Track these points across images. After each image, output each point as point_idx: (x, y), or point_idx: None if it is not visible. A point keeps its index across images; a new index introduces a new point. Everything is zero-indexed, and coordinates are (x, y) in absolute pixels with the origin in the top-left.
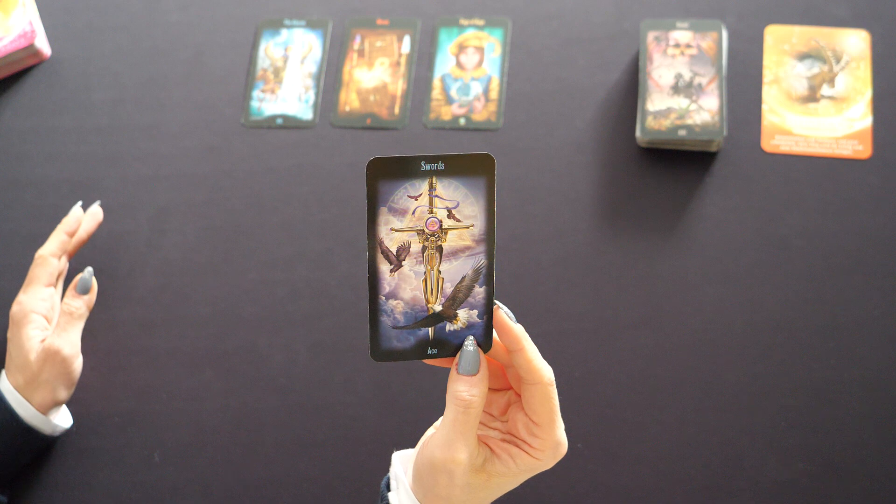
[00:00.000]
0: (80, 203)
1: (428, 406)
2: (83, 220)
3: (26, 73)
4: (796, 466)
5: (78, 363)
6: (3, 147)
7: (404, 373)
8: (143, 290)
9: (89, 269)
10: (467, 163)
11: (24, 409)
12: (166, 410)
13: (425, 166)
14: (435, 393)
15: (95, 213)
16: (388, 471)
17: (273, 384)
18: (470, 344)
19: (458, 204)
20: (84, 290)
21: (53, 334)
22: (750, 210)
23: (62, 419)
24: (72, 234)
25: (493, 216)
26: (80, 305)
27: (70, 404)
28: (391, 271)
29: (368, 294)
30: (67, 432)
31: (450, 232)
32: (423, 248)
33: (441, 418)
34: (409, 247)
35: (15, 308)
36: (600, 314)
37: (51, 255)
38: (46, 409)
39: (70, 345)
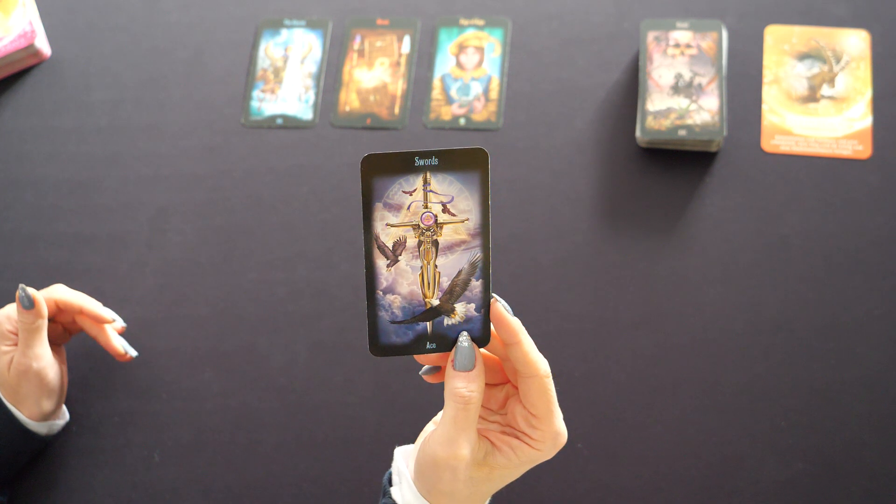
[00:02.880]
0: (120, 319)
1: (428, 405)
2: (105, 313)
3: (26, 73)
4: (796, 466)
5: (53, 373)
6: (3, 147)
7: (404, 372)
8: (143, 290)
9: (21, 286)
10: (460, 157)
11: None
12: (166, 410)
13: (419, 161)
14: (434, 392)
15: (114, 321)
16: (389, 468)
17: (273, 384)
18: (464, 339)
19: (453, 198)
20: (29, 306)
21: (19, 352)
22: (750, 210)
23: (59, 417)
24: (80, 312)
25: (487, 209)
26: (32, 319)
27: (70, 404)
28: (388, 266)
29: (366, 289)
30: (67, 432)
31: (445, 226)
32: (419, 243)
33: (440, 414)
34: (405, 242)
35: None
36: (600, 314)
37: (42, 295)
38: (36, 420)
39: (37, 358)
